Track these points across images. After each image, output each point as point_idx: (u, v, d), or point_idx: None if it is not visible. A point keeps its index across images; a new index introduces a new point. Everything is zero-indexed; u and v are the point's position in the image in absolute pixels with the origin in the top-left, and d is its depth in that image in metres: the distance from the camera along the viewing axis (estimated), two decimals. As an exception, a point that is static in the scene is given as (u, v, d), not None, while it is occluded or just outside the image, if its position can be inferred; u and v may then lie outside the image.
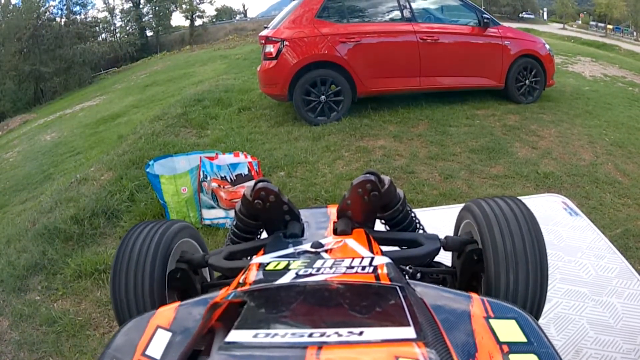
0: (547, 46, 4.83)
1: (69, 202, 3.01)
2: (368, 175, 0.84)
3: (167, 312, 0.50)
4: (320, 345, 0.34)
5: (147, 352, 0.42)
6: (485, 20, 4.55)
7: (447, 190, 2.98)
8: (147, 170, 2.70)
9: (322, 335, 0.35)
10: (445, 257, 0.93)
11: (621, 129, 4.30)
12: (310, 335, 0.35)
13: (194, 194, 2.66)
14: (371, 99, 4.51)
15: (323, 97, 4.23)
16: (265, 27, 4.74)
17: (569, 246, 0.87)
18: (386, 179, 0.88)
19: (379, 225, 0.95)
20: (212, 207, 2.66)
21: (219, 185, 2.61)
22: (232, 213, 2.59)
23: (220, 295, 0.54)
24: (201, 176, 2.63)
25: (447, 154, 3.53)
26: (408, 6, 4.49)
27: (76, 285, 2.26)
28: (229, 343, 0.37)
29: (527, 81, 4.70)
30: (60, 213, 2.83)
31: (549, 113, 4.51)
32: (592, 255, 0.84)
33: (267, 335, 0.37)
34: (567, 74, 6.84)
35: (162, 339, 0.44)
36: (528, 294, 0.77)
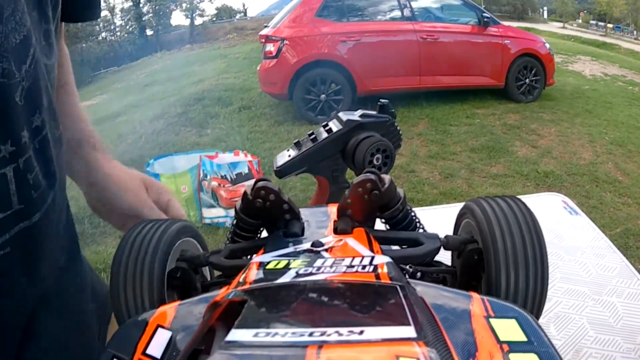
0: (547, 45, 4.83)
1: (69, 200, 3.01)
2: (368, 174, 0.84)
3: (167, 311, 0.50)
4: (320, 345, 0.34)
5: (147, 351, 0.42)
6: (485, 19, 4.55)
7: (447, 189, 2.98)
8: (147, 169, 2.70)
9: (322, 334, 0.35)
10: (445, 257, 0.94)
11: (621, 127, 4.29)
12: (311, 334, 0.35)
13: (194, 193, 2.66)
14: (371, 98, 4.51)
15: (323, 96, 4.23)
16: (266, 26, 4.74)
17: (569, 245, 0.87)
18: (386, 178, 0.87)
19: (379, 225, 0.94)
20: (212, 206, 2.66)
21: (219, 184, 2.61)
22: (232, 212, 2.59)
23: (220, 294, 0.53)
24: (201, 175, 2.63)
25: (447, 153, 3.54)
26: (408, 5, 4.49)
27: (76, 284, 2.26)
28: (229, 342, 0.37)
29: (527, 80, 4.70)
30: (60, 212, 2.84)
31: (549, 112, 4.51)
32: (592, 255, 0.83)
33: (267, 334, 0.36)
34: (567, 73, 6.83)
35: (162, 338, 0.44)
36: (528, 293, 0.76)
